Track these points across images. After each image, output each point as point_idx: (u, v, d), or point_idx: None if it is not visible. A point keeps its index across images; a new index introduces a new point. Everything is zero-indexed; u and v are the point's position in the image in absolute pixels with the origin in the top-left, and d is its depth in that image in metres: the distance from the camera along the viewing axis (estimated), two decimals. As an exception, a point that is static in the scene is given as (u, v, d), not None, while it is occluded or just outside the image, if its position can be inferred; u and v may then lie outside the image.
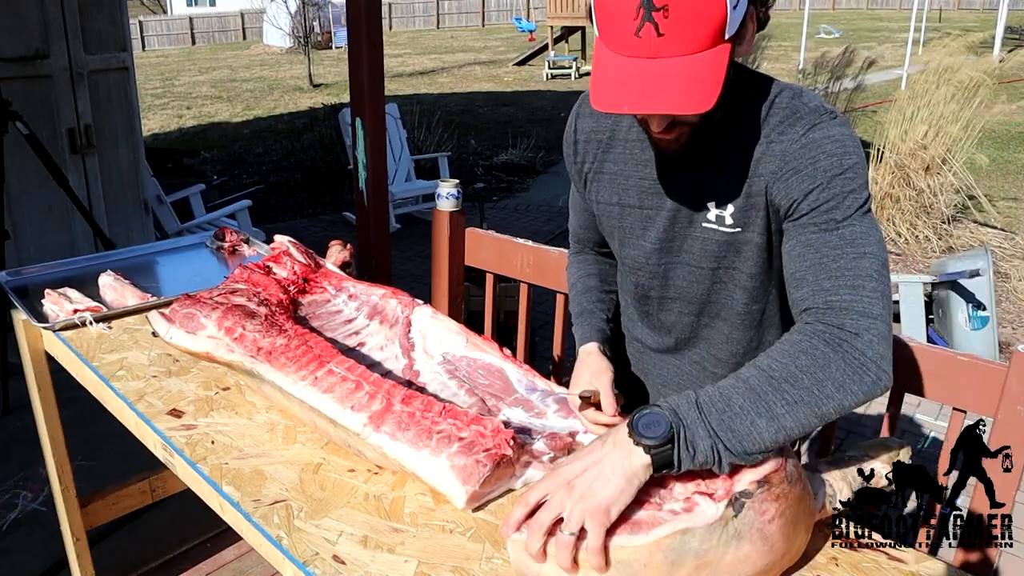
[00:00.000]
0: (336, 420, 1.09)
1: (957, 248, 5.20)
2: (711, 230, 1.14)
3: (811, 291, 0.98)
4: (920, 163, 5.34)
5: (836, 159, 1.00)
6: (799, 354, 0.91)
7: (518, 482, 1.08)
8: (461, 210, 2.07)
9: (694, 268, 1.19)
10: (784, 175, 1.03)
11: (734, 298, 1.20)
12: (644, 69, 0.94)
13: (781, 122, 1.05)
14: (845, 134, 1.02)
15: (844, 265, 0.97)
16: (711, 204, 1.13)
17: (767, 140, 1.06)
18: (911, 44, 11.92)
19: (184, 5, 29.17)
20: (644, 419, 0.86)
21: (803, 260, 1.00)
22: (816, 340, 0.92)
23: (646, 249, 1.23)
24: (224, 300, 1.32)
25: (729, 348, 1.25)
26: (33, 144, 2.99)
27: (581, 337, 1.32)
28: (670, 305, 1.26)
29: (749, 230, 1.11)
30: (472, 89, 14.06)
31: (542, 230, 6.12)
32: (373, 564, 0.93)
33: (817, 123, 1.03)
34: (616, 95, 0.96)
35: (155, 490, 1.98)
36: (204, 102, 13.02)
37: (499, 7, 29.09)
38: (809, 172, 1.01)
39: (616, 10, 0.93)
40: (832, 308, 0.95)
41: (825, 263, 0.98)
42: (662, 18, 0.90)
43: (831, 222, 0.99)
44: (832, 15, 27.21)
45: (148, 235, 4.17)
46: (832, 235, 0.99)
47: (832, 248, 0.98)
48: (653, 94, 0.93)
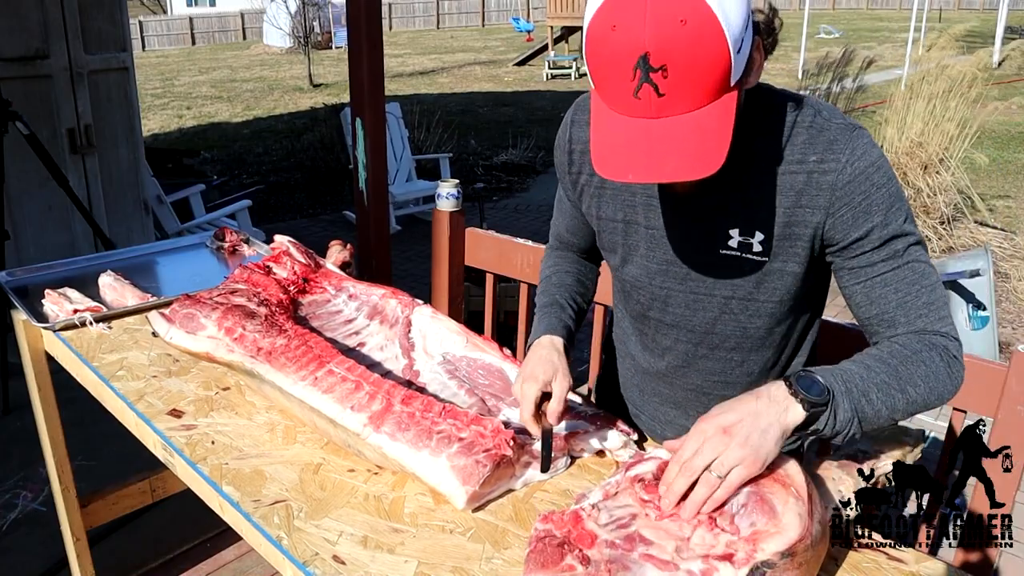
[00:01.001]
0: (336, 420, 1.09)
1: (957, 248, 5.20)
2: (733, 257, 1.08)
3: (905, 328, 1.03)
4: (918, 162, 5.34)
5: (885, 190, 1.00)
6: (920, 363, 0.98)
7: (518, 482, 1.08)
8: (461, 210, 2.07)
9: (702, 296, 1.13)
10: (838, 212, 1.01)
11: (746, 328, 1.14)
12: (647, 131, 0.89)
13: (811, 144, 1.02)
14: (880, 155, 1.02)
15: (927, 300, 1.02)
16: (734, 231, 1.07)
17: (806, 170, 1.02)
18: (911, 44, 11.92)
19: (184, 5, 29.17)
20: (803, 380, 0.92)
21: (887, 301, 1.02)
22: (934, 354, 0.99)
23: (650, 270, 1.16)
24: (224, 300, 1.32)
25: (744, 369, 1.19)
26: (33, 144, 2.98)
27: (547, 327, 1.22)
28: (667, 330, 1.20)
29: (781, 260, 1.06)
30: (472, 89, 14.06)
31: (542, 230, 6.09)
32: (373, 564, 0.93)
33: (855, 146, 1.00)
34: (621, 161, 0.91)
35: (155, 490, 1.98)
36: (204, 102, 13.02)
37: (499, 7, 29.09)
38: (864, 208, 1.00)
39: (611, 71, 0.88)
40: (936, 334, 1.02)
41: (910, 301, 1.02)
42: (661, 78, 0.85)
43: (897, 256, 1.01)
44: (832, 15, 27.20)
45: (148, 235, 4.17)
46: (905, 271, 1.02)
47: (910, 284, 1.02)
48: (659, 160, 0.89)
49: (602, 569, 0.86)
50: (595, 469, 1.14)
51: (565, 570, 0.86)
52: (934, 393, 0.99)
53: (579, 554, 0.88)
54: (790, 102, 1.05)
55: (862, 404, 0.94)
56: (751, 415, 0.90)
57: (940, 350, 1.00)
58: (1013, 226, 5.71)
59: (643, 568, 0.86)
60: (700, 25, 0.84)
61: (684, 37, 0.83)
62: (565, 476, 1.11)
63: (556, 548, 0.89)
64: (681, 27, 0.83)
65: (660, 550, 0.88)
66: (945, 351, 1.00)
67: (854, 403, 0.93)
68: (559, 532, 0.91)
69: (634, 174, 0.91)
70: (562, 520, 0.93)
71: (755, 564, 0.82)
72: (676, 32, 0.83)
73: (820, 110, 1.04)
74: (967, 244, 5.28)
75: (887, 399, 0.95)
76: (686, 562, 0.86)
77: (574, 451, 1.15)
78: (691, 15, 0.83)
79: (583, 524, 0.93)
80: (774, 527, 0.84)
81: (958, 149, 5.41)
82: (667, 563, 0.86)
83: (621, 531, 0.92)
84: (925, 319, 1.01)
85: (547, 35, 16.70)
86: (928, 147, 5.30)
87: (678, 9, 0.83)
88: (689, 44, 0.84)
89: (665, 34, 0.83)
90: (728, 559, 0.84)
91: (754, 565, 0.82)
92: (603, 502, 0.97)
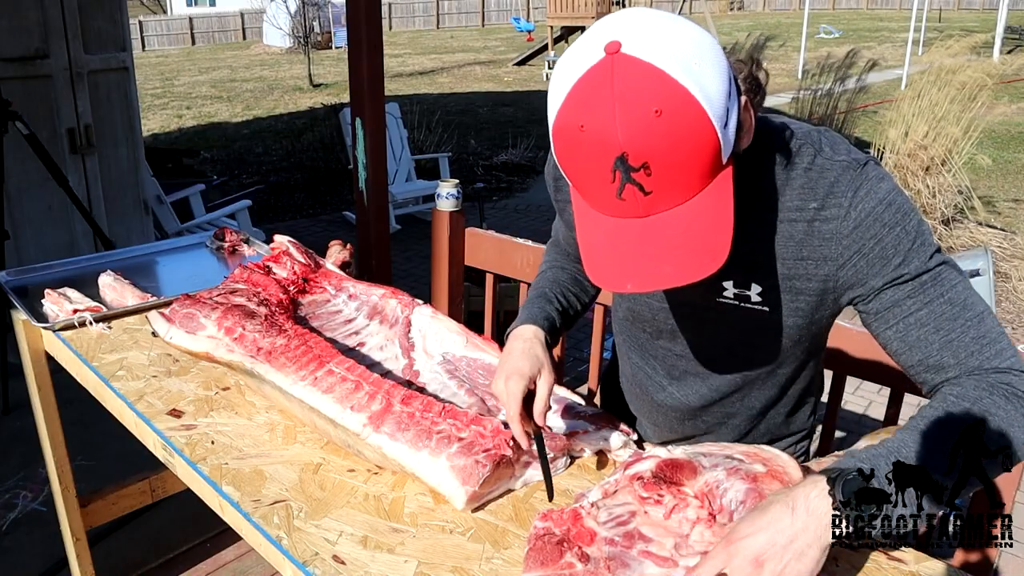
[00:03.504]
0: (336, 420, 1.09)
1: (957, 248, 5.20)
2: (732, 306, 1.01)
3: (957, 371, 0.89)
4: (920, 164, 5.34)
5: (900, 228, 0.88)
6: (985, 414, 0.83)
7: (518, 482, 1.08)
8: (461, 210, 2.07)
9: (704, 340, 1.08)
10: (849, 260, 0.91)
11: (747, 374, 1.09)
12: (640, 232, 0.79)
13: (811, 190, 0.92)
14: (890, 189, 0.90)
15: (976, 335, 0.88)
16: (728, 283, 1.00)
17: (805, 219, 0.92)
18: (911, 44, 11.92)
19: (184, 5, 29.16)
20: (849, 485, 0.77)
21: (928, 344, 0.89)
22: (997, 398, 0.84)
23: (653, 307, 1.10)
24: (224, 300, 1.32)
25: (746, 403, 1.14)
26: (33, 144, 2.99)
27: (528, 316, 1.13)
28: (675, 361, 1.14)
29: (779, 313, 0.99)
30: (472, 89, 14.06)
31: (542, 230, 6.12)
32: (373, 564, 0.93)
33: (858, 186, 0.90)
34: (616, 269, 0.81)
35: (155, 490, 1.97)
36: (204, 102, 13.01)
37: (499, 7, 29.08)
38: (877, 253, 0.89)
39: (587, 175, 0.79)
40: (995, 372, 0.87)
41: (955, 339, 0.88)
42: (644, 176, 0.75)
43: (928, 291, 0.89)
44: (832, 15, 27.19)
45: (148, 235, 4.16)
46: (942, 306, 0.89)
47: (951, 320, 0.88)
48: (658, 263, 0.79)
49: (601, 566, 0.86)
50: (595, 469, 1.14)
51: (564, 568, 0.86)
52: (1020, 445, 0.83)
53: (578, 551, 0.88)
54: (788, 140, 0.94)
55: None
56: (787, 539, 0.76)
57: (1003, 391, 0.85)
58: (1013, 226, 5.71)
59: (642, 565, 0.86)
60: (677, 111, 0.73)
61: (662, 129, 0.73)
62: (565, 476, 1.11)
63: (555, 546, 0.89)
64: (656, 119, 0.73)
65: (659, 547, 0.88)
66: (1010, 389, 0.85)
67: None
68: (558, 530, 0.91)
69: (633, 283, 0.81)
70: (561, 518, 0.93)
71: None
72: (652, 125, 0.73)
73: (821, 148, 0.94)
74: (967, 244, 5.27)
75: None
76: (685, 559, 0.86)
77: (574, 451, 1.15)
78: (665, 102, 0.73)
79: (582, 522, 0.93)
80: None
81: (960, 150, 5.41)
82: (666, 560, 0.86)
83: (620, 528, 0.92)
84: (979, 356, 0.87)
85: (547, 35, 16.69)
86: (931, 149, 5.30)
87: (649, 98, 0.73)
88: (669, 135, 0.74)
89: (640, 129, 0.73)
90: None
91: None
92: (602, 500, 0.97)
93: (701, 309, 1.05)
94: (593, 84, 0.76)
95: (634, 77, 0.74)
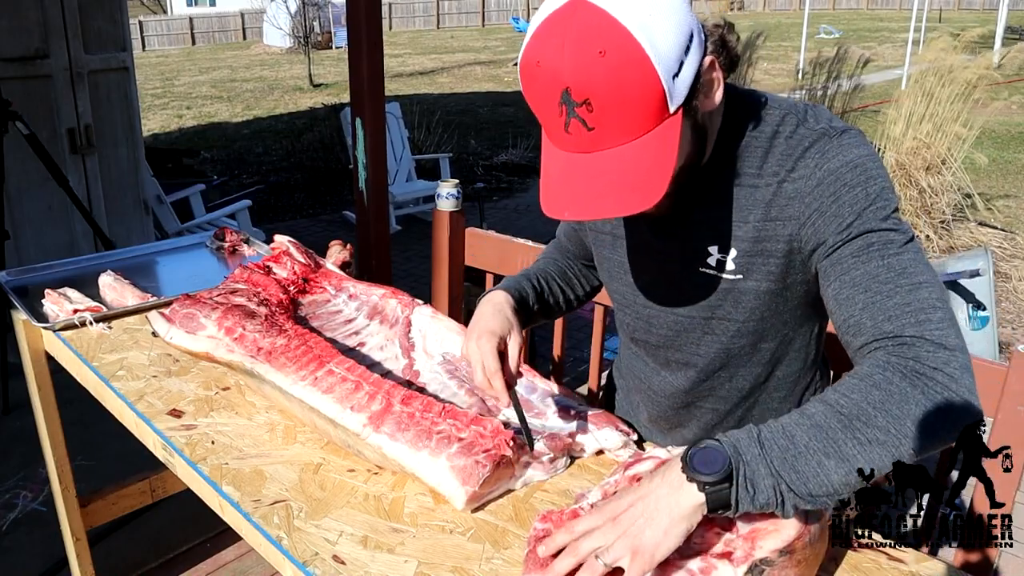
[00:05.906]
0: (336, 420, 1.09)
1: (957, 248, 5.20)
2: (710, 276, 1.03)
3: (871, 336, 0.85)
4: (922, 162, 5.34)
5: (860, 189, 0.89)
6: (871, 388, 0.80)
7: (518, 482, 1.08)
8: (461, 210, 2.07)
9: (683, 318, 1.09)
10: (808, 219, 0.93)
11: (729, 348, 1.09)
12: (583, 166, 0.86)
13: (788, 156, 0.94)
14: (862, 154, 0.91)
15: (901, 300, 0.84)
16: (712, 248, 1.01)
17: (776, 179, 0.95)
18: (911, 44, 11.92)
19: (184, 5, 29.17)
20: (700, 454, 0.78)
21: (853, 303, 0.88)
22: (890, 373, 0.81)
23: (633, 286, 1.14)
24: (224, 300, 1.32)
25: (733, 385, 1.15)
26: (33, 144, 2.99)
27: (503, 286, 1.19)
28: (655, 351, 1.18)
29: (752, 278, 1.00)
30: (472, 89, 14.06)
31: (542, 230, 6.11)
32: (373, 564, 0.93)
33: (827, 149, 0.92)
34: (557, 198, 0.88)
35: (155, 490, 1.98)
36: (204, 102, 13.01)
37: (499, 7, 29.08)
38: (834, 211, 0.90)
39: (541, 107, 0.85)
40: (903, 344, 0.83)
41: (878, 302, 0.85)
42: (586, 112, 0.81)
43: (871, 253, 0.88)
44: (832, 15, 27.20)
45: (148, 235, 4.17)
46: (878, 267, 0.87)
47: (880, 283, 0.86)
48: (595, 196, 0.85)
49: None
50: (595, 469, 1.14)
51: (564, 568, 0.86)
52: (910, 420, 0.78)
53: None
54: (776, 113, 0.98)
55: (790, 462, 0.77)
56: (640, 499, 0.79)
57: (900, 368, 0.81)
58: (1013, 226, 5.71)
59: None
60: (621, 55, 0.79)
61: (604, 69, 0.79)
62: (565, 476, 1.11)
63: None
64: (600, 59, 0.79)
65: None
66: (912, 364, 0.80)
67: (774, 465, 0.77)
68: None
69: (570, 211, 0.88)
70: (561, 519, 0.93)
71: (754, 562, 0.82)
72: (595, 64, 0.79)
73: (805, 119, 0.96)
74: (967, 244, 5.27)
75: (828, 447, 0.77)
76: (684, 560, 0.86)
77: (574, 451, 1.15)
78: (610, 45, 0.79)
79: None
80: (772, 525, 0.84)
81: (960, 149, 5.41)
82: (665, 561, 0.86)
83: None
84: (895, 322, 0.84)
85: (547, 35, 16.68)
86: (932, 147, 5.30)
87: (596, 40, 0.79)
88: (610, 76, 0.79)
89: (584, 67, 0.80)
90: (727, 557, 0.84)
91: (753, 563, 0.82)
92: (602, 501, 0.97)
93: (681, 285, 1.07)
94: (553, 25, 0.83)
95: (588, 21, 0.80)
